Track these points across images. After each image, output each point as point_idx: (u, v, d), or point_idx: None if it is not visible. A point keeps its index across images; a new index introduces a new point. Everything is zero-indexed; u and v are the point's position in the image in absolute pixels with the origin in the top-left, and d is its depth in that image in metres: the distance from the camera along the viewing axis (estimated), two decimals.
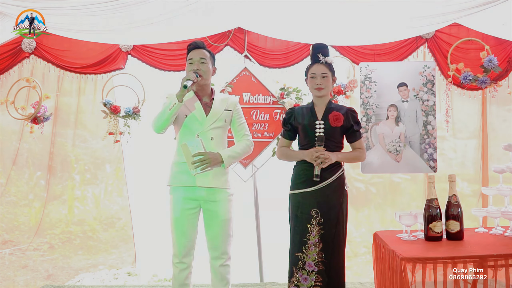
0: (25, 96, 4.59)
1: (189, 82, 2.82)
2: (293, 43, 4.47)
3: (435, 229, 2.95)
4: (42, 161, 4.79)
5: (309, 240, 2.84)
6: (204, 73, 2.96)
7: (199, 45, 3.05)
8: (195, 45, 3.05)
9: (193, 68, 2.95)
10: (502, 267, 2.56)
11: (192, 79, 2.85)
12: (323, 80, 2.95)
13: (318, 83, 2.95)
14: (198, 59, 2.97)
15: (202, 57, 2.99)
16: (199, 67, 2.96)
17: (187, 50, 3.06)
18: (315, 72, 2.97)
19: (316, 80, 2.96)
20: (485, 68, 4.15)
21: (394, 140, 4.04)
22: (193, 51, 3.02)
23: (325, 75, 2.96)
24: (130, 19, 3.90)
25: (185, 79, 2.84)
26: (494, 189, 3.36)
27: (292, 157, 3.05)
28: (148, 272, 4.74)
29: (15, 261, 4.66)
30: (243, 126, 3.12)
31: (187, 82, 2.81)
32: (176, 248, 2.97)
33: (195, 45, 3.05)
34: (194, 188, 2.92)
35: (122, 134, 4.51)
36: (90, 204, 4.85)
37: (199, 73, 2.93)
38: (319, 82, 2.95)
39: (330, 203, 2.86)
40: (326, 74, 2.96)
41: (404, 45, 4.46)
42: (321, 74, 2.95)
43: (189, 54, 3.04)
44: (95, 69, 4.57)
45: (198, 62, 2.97)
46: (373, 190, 4.77)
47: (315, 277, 2.81)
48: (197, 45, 3.05)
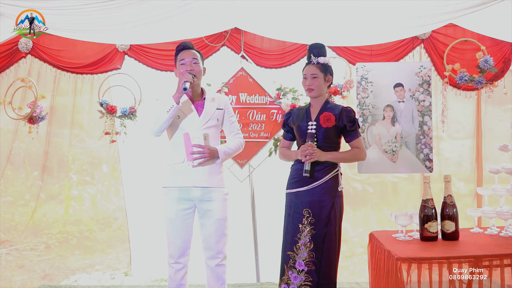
0: (21, 96, 4.59)
1: (187, 84, 2.83)
2: (290, 44, 4.47)
3: (430, 229, 2.96)
4: (38, 161, 4.78)
5: (300, 240, 2.85)
6: (197, 72, 2.97)
7: (188, 45, 3.05)
8: (185, 46, 3.04)
9: (187, 69, 2.95)
10: (497, 267, 2.57)
11: (189, 81, 2.85)
12: (313, 81, 2.95)
13: (308, 84, 2.97)
14: (190, 60, 2.97)
15: (194, 57, 2.99)
16: (192, 68, 2.96)
17: (176, 51, 3.05)
18: (306, 73, 2.99)
19: (307, 81, 2.97)
20: (481, 68, 4.17)
21: (390, 140, 4.05)
22: (183, 52, 3.01)
23: (315, 76, 2.95)
24: (127, 19, 3.89)
25: (183, 81, 2.84)
26: (489, 190, 3.38)
27: (289, 157, 3.07)
28: (144, 273, 4.74)
29: (12, 261, 4.66)
30: (235, 125, 3.14)
31: (186, 84, 2.82)
32: (172, 248, 2.97)
33: (185, 46, 3.04)
34: (189, 188, 2.93)
35: (119, 134, 4.50)
36: (87, 204, 4.85)
37: (193, 73, 2.93)
38: (309, 83, 2.96)
39: (322, 203, 2.86)
40: (316, 75, 2.95)
41: (400, 46, 4.46)
42: (311, 74, 2.96)
43: (179, 55, 3.02)
44: (91, 69, 4.56)
45: (190, 63, 2.97)
46: (370, 190, 4.78)
47: (305, 277, 2.81)
48: (186, 45, 3.04)
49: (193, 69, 2.95)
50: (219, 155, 2.94)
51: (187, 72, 2.92)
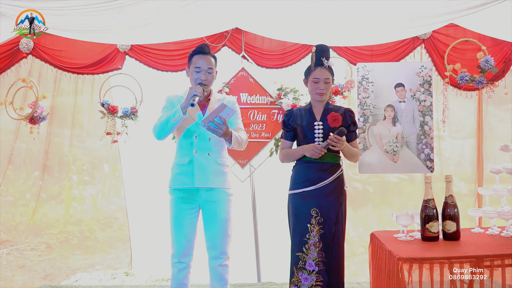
0: (23, 96, 4.59)
1: (196, 99, 2.78)
2: (290, 44, 4.47)
3: (431, 229, 2.96)
4: (39, 161, 4.78)
5: (309, 240, 2.85)
6: (209, 83, 2.94)
7: (206, 50, 2.94)
8: (202, 51, 2.94)
9: (200, 77, 2.89)
10: (499, 267, 2.58)
11: (199, 95, 2.80)
12: (326, 86, 2.96)
13: (321, 88, 2.95)
14: (206, 69, 2.91)
15: (210, 67, 2.92)
16: (206, 77, 2.91)
17: (193, 52, 2.96)
18: (319, 77, 2.95)
19: (319, 85, 2.95)
20: (481, 68, 4.17)
21: (391, 141, 4.05)
22: (201, 58, 2.92)
23: (328, 81, 2.97)
24: (128, 19, 3.89)
25: (192, 93, 2.78)
26: (490, 190, 3.38)
27: (293, 156, 3.04)
28: (145, 272, 4.74)
29: (13, 261, 4.66)
30: (238, 123, 3.10)
31: (195, 99, 2.76)
32: (175, 248, 2.98)
33: (202, 51, 2.94)
34: (193, 189, 2.93)
35: (120, 134, 4.51)
36: (88, 204, 4.85)
37: (206, 83, 2.89)
38: (322, 88, 2.95)
39: (330, 203, 2.87)
40: (328, 79, 2.97)
41: (401, 46, 4.47)
42: (325, 79, 2.95)
43: (194, 58, 2.94)
44: (92, 69, 4.57)
45: (205, 72, 2.91)
46: (370, 190, 4.78)
47: (316, 277, 2.82)
48: (204, 50, 2.94)
49: (206, 79, 2.90)
50: (231, 137, 2.85)
51: (198, 84, 2.87)
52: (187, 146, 2.94)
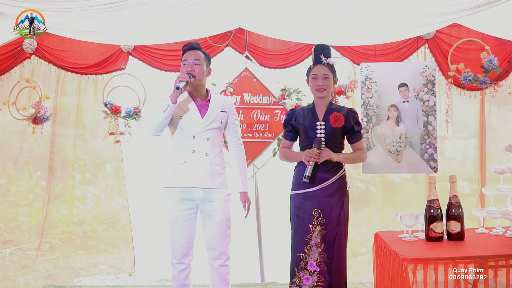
0: (26, 97, 4.60)
1: (181, 84, 2.82)
2: (294, 44, 4.47)
3: (436, 229, 2.96)
4: (42, 161, 4.79)
5: (311, 240, 2.84)
6: (198, 74, 2.95)
7: (194, 46, 3.04)
8: (190, 46, 3.03)
9: (187, 69, 2.94)
10: (503, 267, 2.57)
11: (184, 80, 2.84)
12: (325, 81, 2.96)
13: (320, 84, 2.96)
14: (192, 61, 2.96)
15: (196, 58, 2.97)
16: (192, 68, 2.94)
17: (182, 51, 3.05)
18: (317, 73, 2.97)
19: (318, 81, 2.96)
20: (485, 68, 4.16)
21: (395, 141, 4.04)
22: (188, 52, 3.01)
23: (327, 76, 2.96)
24: (131, 20, 3.89)
25: (178, 80, 2.84)
26: (494, 190, 3.37)
27: (291, 158, 3.07)
28: (148, 272, 4.74)
29: (16, 261, 4.67)
30: (237, 129, 3.15)
31: (179, 84, 2.81)
32: (175, 249, 2.97)
33: (190, 46, 3.03)
34: (190, 189, 2.93)
35: (123, 134, 4.51)
36: (91, 204, 4.85)
37: (193, 73, 2.92)
38: (321, 83, 2.96)
39: (332, 203, 2.87)
40: (327, 76, 2.96)
41: (404, 46, 4.46)
42: (323, 75, 2.96)
43: (184, 55, 3.02)
44: (96, 70, 4.57)
45: (192, 64, 2.96)
46: (373, 190, 4.78)
47: (317, 277, 2.81)
48: (192, 46, 3.03)
49: (193, 70, 2.94)
50: None
51: (185, 72, 2.92)
52: (185, 146, 2.95)
